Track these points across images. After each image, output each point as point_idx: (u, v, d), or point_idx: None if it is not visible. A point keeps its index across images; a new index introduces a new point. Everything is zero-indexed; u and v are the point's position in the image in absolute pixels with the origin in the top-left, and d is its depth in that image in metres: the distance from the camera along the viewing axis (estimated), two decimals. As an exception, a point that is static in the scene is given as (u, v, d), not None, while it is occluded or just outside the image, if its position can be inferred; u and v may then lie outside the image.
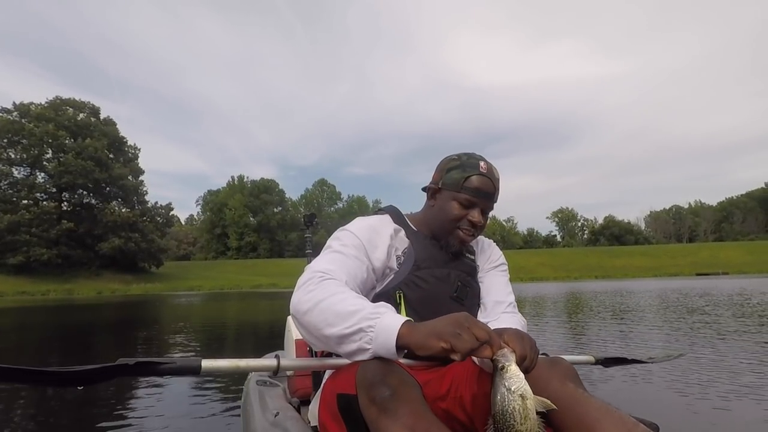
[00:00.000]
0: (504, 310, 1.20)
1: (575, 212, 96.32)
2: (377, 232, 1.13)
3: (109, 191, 45.34)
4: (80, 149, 42.25)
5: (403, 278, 1.12)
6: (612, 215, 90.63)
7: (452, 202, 1.14)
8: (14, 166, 41.76)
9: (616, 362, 1.38)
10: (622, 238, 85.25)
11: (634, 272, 50.90)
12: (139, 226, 44.86)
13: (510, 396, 0.73)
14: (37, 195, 42.42)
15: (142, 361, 0.81)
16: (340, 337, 0.84)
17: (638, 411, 2.72)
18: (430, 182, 1.22)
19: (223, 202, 71.24)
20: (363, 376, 0.80)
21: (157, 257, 47.90)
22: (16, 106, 41.62)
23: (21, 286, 34.82)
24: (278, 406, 1.54)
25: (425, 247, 1.17)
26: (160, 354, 5.51)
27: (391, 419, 0.73)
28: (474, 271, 1.24)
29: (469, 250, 1.25)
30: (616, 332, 6.17)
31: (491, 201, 1.16)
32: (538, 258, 62.16)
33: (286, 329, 1.93)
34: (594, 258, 62.06)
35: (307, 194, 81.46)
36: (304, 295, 0.92)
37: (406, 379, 0.80)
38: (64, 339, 7.48)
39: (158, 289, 37.59)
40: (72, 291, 34.60)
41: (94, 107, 46.26)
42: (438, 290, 1.14)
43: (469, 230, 1.15)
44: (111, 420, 2.62)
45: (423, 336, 0.78)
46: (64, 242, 40.93)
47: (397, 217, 1.22)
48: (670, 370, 3.63)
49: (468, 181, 1.12)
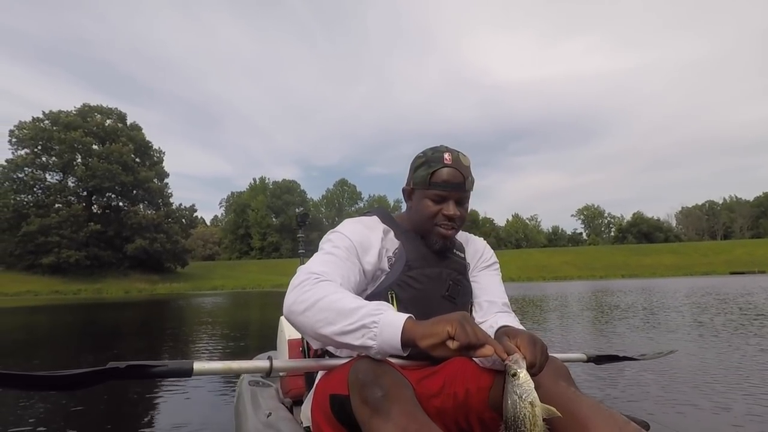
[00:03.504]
0: (498, 309, 1.19)
1: (601, 209, 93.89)
2: (368, 235, 1.12)
3: (136, 194, 46.65)
4: (107, 154, 43.62)
5: (395, 279, 1.11)
6: (640, 212, 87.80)
7: (424, 200, 1.14)
8: (47, 172, 43.47)
9: (608, 360, 1.39)
10: (650, 236, 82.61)
11: (663, 271, 49.27)
12: (163, 227, 45.98)
13: (521, 404, 0.76)
14: (69, 198, 44.03)
15: (132, 365, 0.82)
16: (342, 334, 0.85)
17: (629, 409, 2.57)
18: (405, 184, 1.23)
19: (246, 203, 72.50)
20: (355, 376, 0.81)
21: (181, 257, 49.04)
22: (46, 114, 43.21)
23: (54, 286, 36.19)
24: (271, 407, 1.54)
25: (416, 246, 1.17)
26: (177, 347, 5.67)
27: (383, 420, 0.74)
28: (465, 269, 1.23)
29: (458, 248, 1.24)
30: (628, 331, 5.91)
31: (463, 191, 1.13)
32: (562, 257, 60.89)
33: (279, 330, 1.93)
34: (620, 256, 60.41)
35: (328, 194, 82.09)
36: (300, 295, 0.91)
37: (398, 379, 0.81)
38: (93, 335, 7.94)
39: (183, 288, 38.47)
40: (101, 290, 35.73)
41: (120, 113, 47.68)
42: (430, 289, 1.13)
43: (447, 224, 1.14)
44: (102, 422, 2.61)
45: (430, 323, 0.80)
46: (94, 243, 42.34)
47: (385, 218, 1.22)
48: (662, 367, 3.64)
49: (435, 176, 1.11)
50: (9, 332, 8.87)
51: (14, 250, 39.54)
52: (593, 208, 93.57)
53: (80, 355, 5.66)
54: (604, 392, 3.04)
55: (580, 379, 3.23)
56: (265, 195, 71.55)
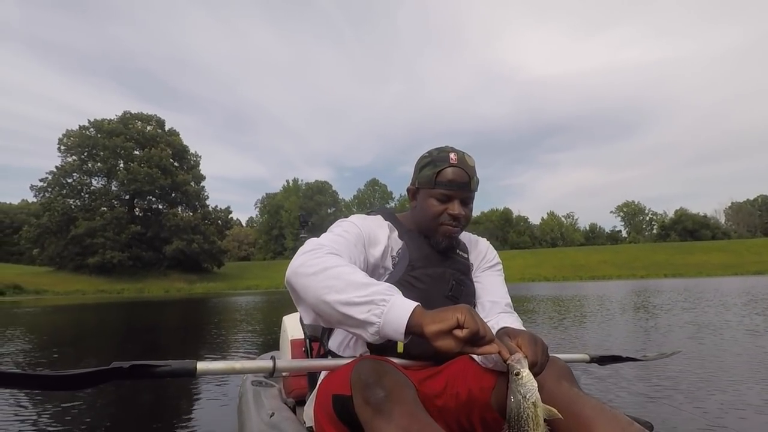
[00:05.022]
0: (501, 310, 1.19)
1: (642, 206, 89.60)
2: (376, 229, 1.14)
3: (174, 197, 48.55)
4: (147, 159, 45.63)
5: (398, 278, 1.12)
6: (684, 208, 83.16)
7: (430, 200, 1.14)
8: (92, 177, 45.95)
9: (611, 360, 1.39)
10: (696, 233, 78.32)
11: (711, 270, 46.60)
12: (200, 228, 47.56)
13: (525, 404, 0.76)
14: (112, 202, 46.35)
15: (136, 364, 0.82)
16: (347, 304, 0.83)
17: (632, 410, 2.48)
18: (409, 184, 1.23)
19: (280, 205, 73.98)
20: (357, 377, 0.81)
21: (217, 258, 50.62)
22: (91, 122, 45.64)
23: (99, 285, 38.26)
24: (273, 407, 1.54)
25: (419, 246, 1.17)
26: (212, 342, 5.88)
27: (386, 420, 0.74)
28: (468, 269, 1.24)
29: (461, 248, 1.25)
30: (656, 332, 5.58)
31: (468, 190, 1.14)
32: (600, 255, 58.73)
33: (282, 329, 1.92)
34: (663, 254, 57.63)
35: (359, 195, 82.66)
36: (310, 259, 0.90)
37: (400, 380, 0.81)
38: (136, 331, 8.60)
39: (219, 288, 39.76)
40: (143, 290, 37.45)
41: (159, 119, 49.79)
42: (433, 289, 1.13)
43: (452, 224, 1.14)
44: (106, 422, 2.63)
45: (438, 310, 0.80)
46: (135, 245, 44.43)
47: (389, 217, 1.23)
48: (665, 368, 3.59)
49: (440, 176, 1.12)
50: (67, 328, 9.64)
51: (63, 251, 42.00)
52: (633, 204, 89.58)
53: (125, 348, 6.09)
54: (610, 393, 2.99)
55: (584, 380, 3.25)
56: (298, 196, 72.79)
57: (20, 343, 6.48)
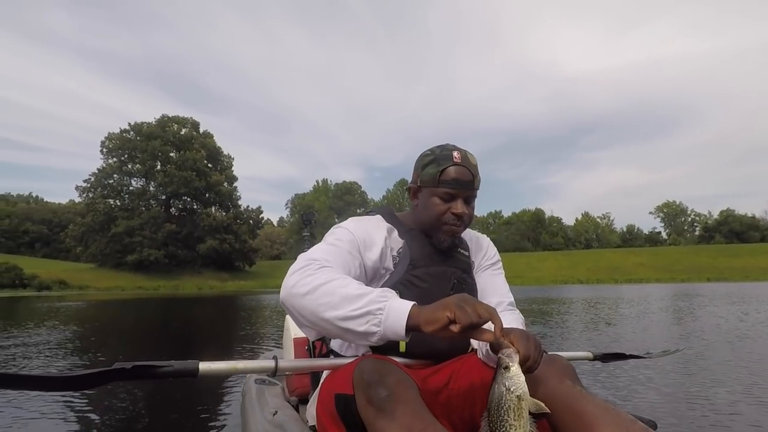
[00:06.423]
0: (503, 308, 1.19)
1: (684, 206, 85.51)
2: (371, 232, 1.13)
3: (208, 197, 50.07)
4: (183, 161, 47.28)
5: (400, 277, 1.11)
6: (730, 209, 78.67)
7: (433, 198, 1.13)
8: (132, 178, 48.05)
9: (614, 358, 1.38)
10: (743, 235, 74.07)
11: (758, 274, 44.02)
12: (232, 228, 48.90)
13: (508, 395, 0.76)
14: (150, 202, 48.34)
15: (138, 365, 0.83)
16: (345, 319, 0.84)
17: (636, 408, 2.44)
18: (410, 182, 1.22)
19: (309, 204, 74.95)
20: (360, 376, 0.81)
21: (249, 257, 51.90)
22: (131, 125, 47.74)
23: (138, 282, 40.00)
24: (277, 405, 1.54)
25: (420, 245, 1.17)
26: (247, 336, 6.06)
27: (389, 419, 0.75)
28: (469, 267, 1.23)
29: (463, 247, 1.24)
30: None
31: (471, 189, 1.13)
32: (637, 257, 56.58)
33: (285, 329, 1.92)
34: (706, 257, 54.89)
35: (388, 195, 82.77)
36: (302, 278, 0.90)
37: (403, 379, 0.82)
38: (173, 328, 9.01)
39: (249, 286, 40.68)
40: (178, 287, 38.91)
41: (194, 122, 51.44)
42: (434, 288, 1.13)
43: (456, 223, 1.13)
44: (111, 422, 2.64)
45: (431, 310, 0.80)
46: (171, 243, 46.11)
47: (389, 216, 1.22)
48: (669, 366, 3.59)
49: (444, 174, 1.10)
50: (108, 321, 10.28)
51: (105, 249, 44.12)
52: (674, 204, 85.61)
53: (163, 342, 6.46)
54: (612, 392, 2.98)
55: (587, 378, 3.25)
56: (327, 196, 73.65)
57: (67, 333, 7.10)
